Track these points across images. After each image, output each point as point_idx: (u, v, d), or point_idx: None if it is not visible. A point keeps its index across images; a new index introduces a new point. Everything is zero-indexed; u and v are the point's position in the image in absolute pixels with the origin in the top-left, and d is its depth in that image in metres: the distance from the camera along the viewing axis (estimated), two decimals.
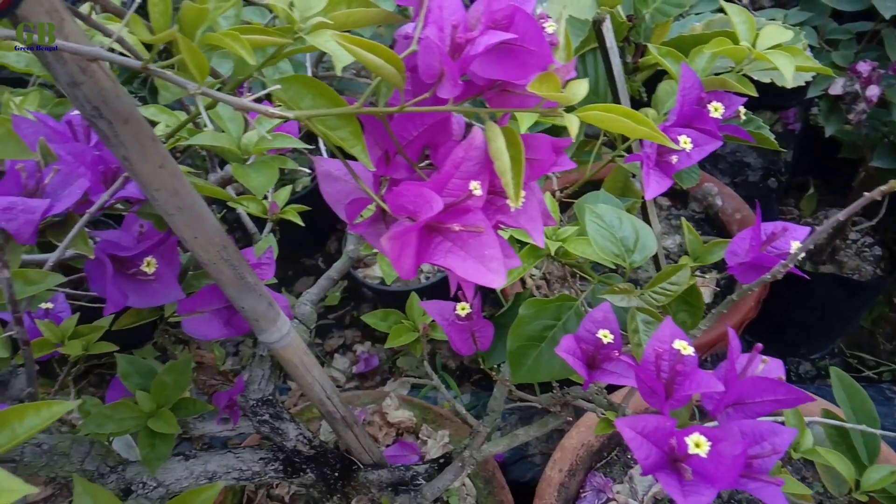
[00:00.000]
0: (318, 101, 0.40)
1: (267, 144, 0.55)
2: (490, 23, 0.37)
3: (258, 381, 0.71)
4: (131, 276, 0.50)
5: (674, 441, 0.36)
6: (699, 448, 0.35)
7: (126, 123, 0.42)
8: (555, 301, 0.53)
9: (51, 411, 0.35)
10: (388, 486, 0.74)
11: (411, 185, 0.37)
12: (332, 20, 0.39)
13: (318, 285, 0.75)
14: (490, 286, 0.36)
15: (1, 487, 0.32)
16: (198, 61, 0.33)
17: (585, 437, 0.96)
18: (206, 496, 0.54)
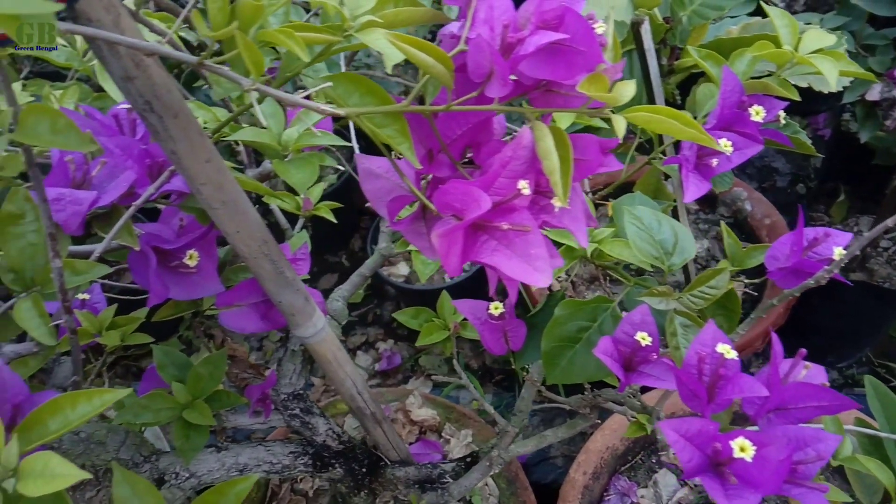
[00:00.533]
0: (365, 98, 0.40)
1: (307, 141, 0.56)
2: (540, 23, 0.37)
3: (289, 376, 0.71)
4: (173, 268, 0.51)
5: (718, 445, 0.36)
6: (744, 452, 0.35)
7: (176, 118, 0.42)
8: (591, 302, 0.53)
9: (102, 399, 0.36)
10: (415, 484, 0.74)
11: (459, 183, 0.37)
12: (381, 19, 0.40)
13: (350, 282, 0.76)
14: (536, 285, 0.36)
15: (54, 472, 0.33)
16: (254, 57, 0.33)
17: (610, 440, 0.96)
18: (241, 488, 0.54)
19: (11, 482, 0.33)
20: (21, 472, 0.33)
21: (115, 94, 0.69)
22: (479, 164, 0.44)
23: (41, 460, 0.33)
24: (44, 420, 0.35)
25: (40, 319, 0.45)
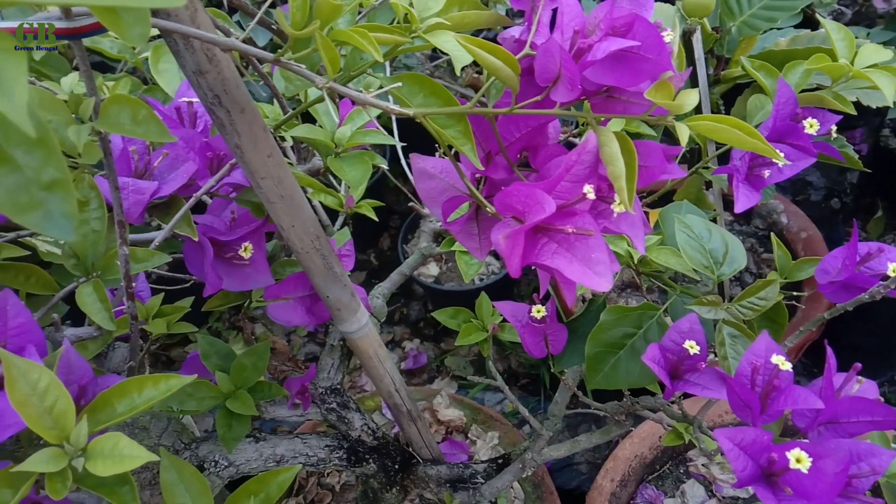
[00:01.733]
0: (428, 99, 0.41)
1: (360, 139, 0.57)
2: (609, 29, 0.38)
3: (328, 370, 0.72)
4: (227, 260, 0.52)
5: (774, 455, 0.36)
6: (800, 464, 0.35)
7: (242, 113, 0.43)
8: (637, 309, 0.53)
9: (168, 384, 0.37)
10: (447, 483, 0.74)
11: (523, 185, 0.37)
12: (448, 21, 0.40)
13: (390, 280, 0.77)
14: (597, 289, 0.36)
15: (122, 453, 0.34)
16: (332, 56, 0.34)
17: (639, 447, 0.95)
18: (284, 478, 0.55)
19: (81, 461, 0.34)
20: (90, 452, 0.34)
21: (168, 86, 0.70)
22: (536, 167, 0.45)
23: (110, 441, 0.34)
24: (112, 402, 0.36)
25: (101, 304, 0.46)
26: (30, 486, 0.33)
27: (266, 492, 0.54)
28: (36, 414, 0.33)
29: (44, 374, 0.34)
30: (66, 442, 0.34)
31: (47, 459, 0.33)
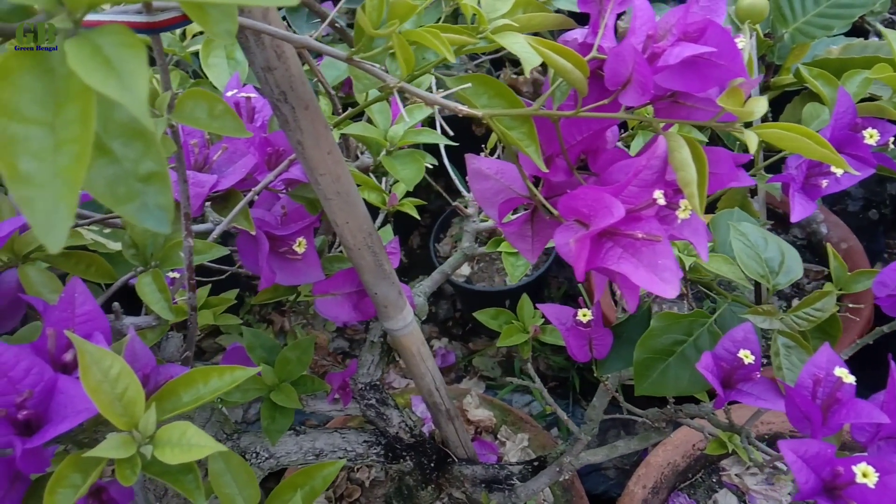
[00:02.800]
0: (493, 100, 0.41)
1: (412, 138, 0.57)
2: (681, 34, 0.37)
3: (368, 366, 0.72)
4: (281, 254, 0.53)
5: (840, 469, 0.36)
6: (867, 478, 0.35)
7: (306, 109, 0.44)
8: (688, 316, 0.53)
9: (233, 376, 0.37)
10: (482, 483, 0.74)
11: (590, 189, 0.37)
12: (515, 23, 0.40)
13: (432, 279, 0.77)
14: (663, 295, 0.36)
15: (190, 442, 0.35)
16: (407, 56, 0.34)
17: (672, 455, 0.95)
18: (328, 472, 0.56)
19: (149, 448, 0.35)
20: (157, 440, 0.35)
21: (217, 80, 0.71)
22: (597, 171, 0.45)
23: (178, 430, 0.35)
24: (178, 392, 0.37)
25: (160, 294, 0.47)
26: (100, 471, 0.34)
27: (311, 485, 0.55)
28: (107, 401, 0.34)
29: (115, 361, 0.34)
30: (135, 429, 0.35)
31: (117, 446, 0.34)
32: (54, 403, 0.35)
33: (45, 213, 0.18)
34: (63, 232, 0.18)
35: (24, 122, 0.19)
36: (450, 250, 1.39)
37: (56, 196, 0.19)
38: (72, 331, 0.39)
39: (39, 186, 0.18)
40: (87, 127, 0.19)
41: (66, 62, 0.20)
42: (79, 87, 0.19)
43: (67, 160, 0.19)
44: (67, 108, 0.19)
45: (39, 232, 0.18)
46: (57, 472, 0.33)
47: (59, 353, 0.38)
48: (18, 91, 0.19)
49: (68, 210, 0.18)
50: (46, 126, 0.19)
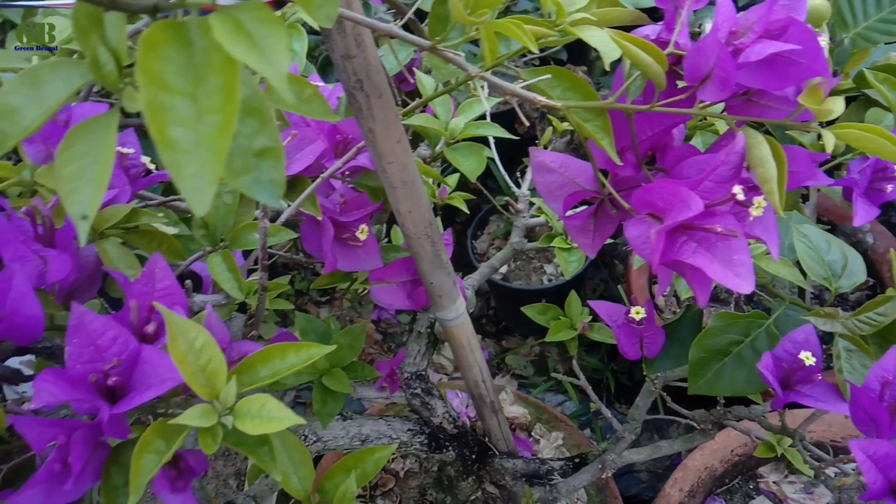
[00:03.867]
0: (567, 92, 0.41)
1: (473, 131, 0.57)
2: (763, 31, 0.38)
3: (414, 356, 0.73)
4: (343, 240, 0.53)
5: None
6: None
7: (380, 98, 0.45)
8: (746, 317, 0.53)
9: (309, 353, 0.38)
10: (522, 477, 0.75)
11: (668, 183, 0.37)
12: (593, 16, 0.41)
13: (480, 272, 0.77)
14: (738, 291, 0.36)
15: (270, 414, 0.36)
16: (493, 45, 0.35)
17: (710, 459, 0.94)
18: (380, 456, 0.57)
19: (228, 419, 0.36)
20: (237, 411, 0.36)
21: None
22: (666, 167, 0.45)
23: (258, 402, 0.36)
24: (255, 367, 0.38)
25: (230, 274, 0.48)
26: (183, 438, 0.35)
27: (363, 468, 0.56)
28: (192, 371, 0.35)
29: (201, 333, 0.35)
30: (216, 400, 0.36)
31: (200, 415, 0.35)
32: (137, 372, 0.37)
33: (191, 178, 0.19)
34: (208, 196, 0.19)
35: (170, 92, 0.20)
36: (487, 248, 1.40)
37: (201, 162, 0.19)
38: (154, 303, 0.40)
39: (185, 152, 0.19)
40: (231, 98, 0.20)
41: (204, 36, 0.21)
42: (219, 61, 0.20)
43: (209, 129, 0.20)
44: (209, 80, 0.20)
45: (186, 194, 0.19)
46: (143, 438, 0.34)
47: (141, 325, 0.40)
48: (164, 62, 0.20)
49: (213, 175, 0.19)
50: (188, 96, 0.20)
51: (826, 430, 0.92)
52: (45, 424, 0.34)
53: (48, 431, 0.34)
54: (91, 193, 0.24)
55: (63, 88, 0.26)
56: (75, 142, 0.25)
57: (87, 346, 0.36)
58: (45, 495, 0.35)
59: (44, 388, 0.34)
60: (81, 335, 0.35)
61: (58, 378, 0.35)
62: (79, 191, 0.24)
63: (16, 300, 0.36)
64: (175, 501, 0.37)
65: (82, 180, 0.24)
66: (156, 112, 0.19)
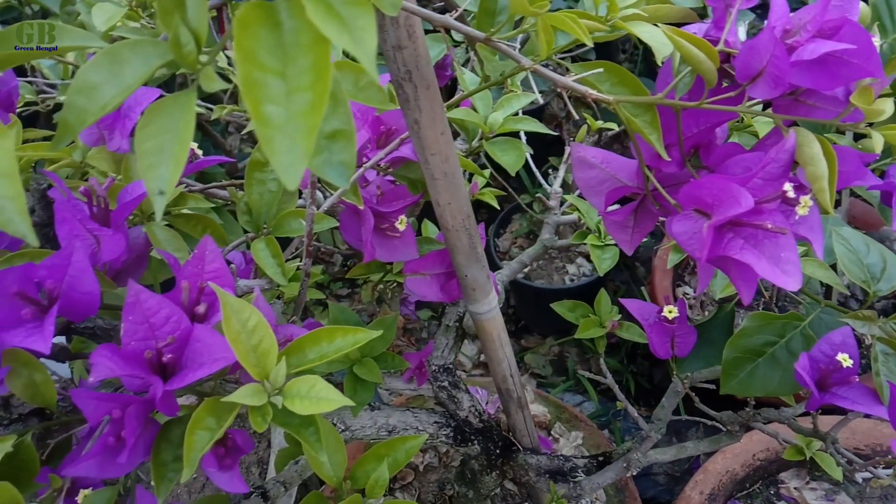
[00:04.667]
0: (616, 87, 0.42)
1: (511, 125, 0.58)
2: (816, 31, 0.38)
3: (442, 349, 0.74)
4: (382, 230, 0.54)
5: None
6: None
7: (427, 90, 0.45)
8: (782, 318, 0.53)
9: (355, 337, 0.39)
10: (546, 473, 0.75)
11: (718, 179, 0.38)
12: (644, 12, 0.41)
13: (510, 267, 0.78)
14: (785, 288, 0.36)
15: (319, 395, 0.36)
16: (549, 38, 0.35)
17: (731, 463, 0.94)
18: (411, 445, 0.57)
19: (279, 399, 0.36)
20: (286, 392, 0.37)
21: None
22: (710, 164, 0.45)
23: (307, 383, 0.37)
24: (303, 349, 0.39)
25: (273, 259, 0.49)
26: (234, 417, 0.36)
27: (394, 456, 0.56)
28: (244, 350, 0.36)
29: (254, 313, 0.36)
30: (266, 380, 0.36)
31: (251, 394, 0.36)
32: (189, 351, 0.37)
33: (283, 153, 0.20)
34: (298, 172, 0.20)
35: (262, 70, 0.21)
36: (509, 246, 1.40)
37: (292, 138, 0.20)
38: (202, 287, 0.41)
39: (277, 128, 0.20)
40: (322, 77, 0.20)
41: (292, 17, 0.22)
42: (308, 41, 0.21)
43: (300, 106, 0.20)
44: (298, 60, 0.21)
45: (278, 169, 0.20)
46: (195, 415, 0.35)
47: (191, 306, 0.40)
48: (256, 41, 0.21)
49: (303, 151, 0.20)
50: (278, 75, 0.21)
51: (849, 438, 0.92)
52: (101, 399, 0.35)
53: (104, 405, 0.35)
54: (169, 169, 0.25)
55: (142, 67, 0.26)
56: (154, 118, 0.26)
57: (141, 324, 0.36)
58: (98, 468, 0.36)
59: (101, 362, 0.34)
60: (136, 313, 0.36)
61: (113, 354, 0.36)
62: (157, 166, 0.25)
63: (74, 277, 0.37)
64: (222, 479, 0.38)
65: (161, 156, 0.25)
66: (251, 88, 0.20)
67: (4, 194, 0.24)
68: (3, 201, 0.24)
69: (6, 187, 0.24)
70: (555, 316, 1.31)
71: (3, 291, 0.35)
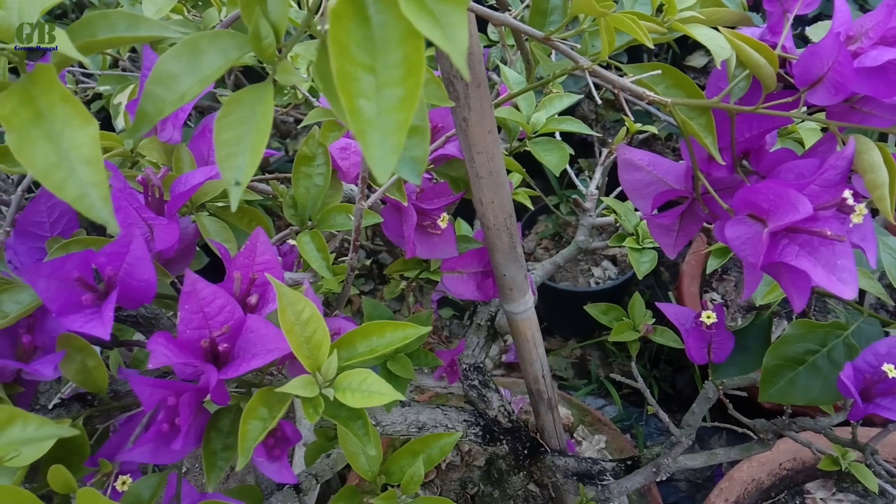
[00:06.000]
0: (671, 89, 0.41)
1: (554, 126, 0.58)
2: (879, 38, 0.37)
3: (473, 348, 0.74)
4: (423, 228, 0.54)
5: None
6: None
7: (478, 88, 0.45)
8: (824, 326, 0.53)
9: (405, 332, 0.39)
10: (574, 475, 0.75)
11: (776, 184, 0.38)
12: (701, 15, 0.41)
13: (543, 268, 0.78)
14: (841, 296, 0.36)
15: (371, 389, 0.36)
16: (611, 39, 0.35)
17: (757, 472, 0.93)
18: (446, 442, 0.58)
19: (330, 391, 0.37)
20: (337, 384, 0.37)
21: None
22: (761, 170, 0.45)
23: (359, 376, 0.37)
24: (354, 342, 0.39)
25: (319, 253, 0.49)
26: (286, 406, 0.36)
27: (429, 453, 0.57)
28: (298, 342, 0.36)
29: (308, 305, 0.36)
30: (318, 372, 0.37)
31: (303, 385, 0.36)
32: (241, 341, 0.38)
33: (374, 147, 0.20)
34: (389, 165, 0.20)
35: (354, 64, 0.21)
36: (534, 247, 1.40)
37: (383, 132, 0.20)
38: (254, 277, 0.41)
39: (368, 122, 0.20)
40: (413, 72, 0.20)
41: (381, 11, 0.22)
42: (399, 36, 0.21)
43: (390, 101, 0.21)
44: (389, 55, 0.21)
45: (370, 162, 0.20)
46: (250, 404, 0.36)
47: (242, 297, 0.41)
48: (348, 35, 0.21)
49: (394, 146, 0.20)
50: (368, 69, 0.21)
51: (883, 450, 0.91)
52: (157, 385, 0.35)
53: (159, 392, 0.36)
54: (247, 160, 0.25)
55: (220, 59, 0.27)
56: (233, 110, 0.26)
57: (196, 313, 0.37)
58: (152, 453, 0.36)
59: (158, 350, 0.35)
60: (192, 302, 0.37)
61: (168, 342, 0.36)
62: (235, 157, 0.25)
63: (132, 264, 0.37)
64: (270, 469, 0.38)
65: (239, 147, 0.25)
66: (345, 81, 0.20)
67: (88, 180, 0.24)
68: (87, 187, 0.24)
69: (90, 173, 0.24)
70: (578, 318, 1.30)
71: (65, 277, 0.36)
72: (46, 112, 0.25)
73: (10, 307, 0.37)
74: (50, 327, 0.40)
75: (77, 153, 0.25)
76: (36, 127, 0.25)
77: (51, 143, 0.25)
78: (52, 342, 0.40)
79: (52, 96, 0.25)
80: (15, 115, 0.25)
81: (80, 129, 0.25)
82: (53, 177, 0.24)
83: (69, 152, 0.25)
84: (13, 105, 0.25)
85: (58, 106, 0.25)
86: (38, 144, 0.25)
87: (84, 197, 0.24)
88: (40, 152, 0.24)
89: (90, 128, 0.25)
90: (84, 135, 0.25)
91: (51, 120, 0.25)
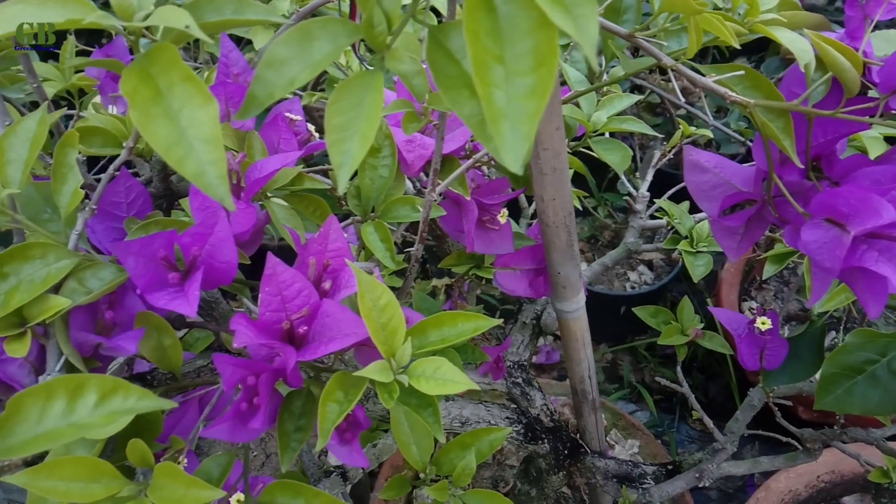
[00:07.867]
0: (748, 90, 0.41)
1: (615, 125, 0.58)
2: None
3: (517, 346, 0.74)
4: (482, 223, 0.55)
5: None
6: None
7: None
8: (885, 336, 0.52)
9: (477, 323, 0.40)
10: (614, 478, 0.75)
11: (857, 189, 0.37)
12: (783, 17, 0.41)
13: (591, 269, 0.78)
14: None
15: (445, 377, 0.37)
16: (699, 38, 0.36)
17: (794, 483, 0.92)
18: (496, 437, 0.58)
19: (404, 378, 0.37)
20: (411, 371, 0.38)
21: None
22: (834, 175, 0.45)
23: (433, 364, 0.37)
24: (427, 331, 0.39)
25: (383, 244, 0.50)
26: (362, 391, 0.37)
27: (478, 446, 0.57)
28: (375, 328, 0.37)
29: (385, 292, 0.37)
30: (393, 358, 0.37)
31: (379, 370, 0.36)
32: (317, 325, 0.38)
33: (504, 135, 0.21)
34: (520, 154, 0.20)
35: (486, 53, 0.21)
36: None
37: (512, 121, 0.21)
38: (327, 264, 0.42)
39: (499, 111, 0.21)
40: (545, 61, 0.21)
41: (507, 2, 0.22)
42: (527, 26, 0.22)
43: (520, 91, 0.21)
44: (517, 44, 0.21)
45: (501, 150, 0.20)
46: (327, 388, 0.36)
47: (317, 281, 0.41)
48: (479, 24, 0.21)
49: (525, 136, 0.20)
50: (497, 59, 0.21)
51: None
52: (238, 364, 0.36)
53: (240, 371, 0.36)
54: (356, 145, 0.26)
55: (330, 45, 0.27)
56: (344, 96, 0.26)
57: (276, 296, 0.38)
58: (230, 432, 0.37)
59: (240, 330, 0.36)
60: (272, 284, 0.37)
61: (249, 323, 0.37)
62: (344, 141, 0.26)
63: (215, 245, 0.38)
64: (341, 452, 0.39)
65: (348, 132, 0.26)
66: (481, 70, 0.21)
67: (207, 159, 0.25)
68: (205, 165, 0.25)
69: (208, 152, 0.25)
70: (611, 322, 1.30)
71: (152, 255, 0.36)
72: (165, 91, 0.26)
73: (93, 283, 0.38)
74: (129, 304, 0.41)
75: (195, 131, 0.25)
76: (156, 105, 0.26)
77: (170, 121, 0.25)
78: (130, 319, 0.41)
79: (171, 75, 0.26)
80: (136, 92, 0.26)
81: (200, 108, 0.25)
82: (174, 153, 0.25)
83: (188, 130, 0.25)
84: (134, 83, 0.26)
85: (177, 85, 0.26)
86: (158, 121, 0.25)
87: (202, 175, 0.25)
88: (161, 129, 0.25)
89: (210, 107, 0.25)
90: (203, 114, 0.25)
91: (170, 98, 0.26)
